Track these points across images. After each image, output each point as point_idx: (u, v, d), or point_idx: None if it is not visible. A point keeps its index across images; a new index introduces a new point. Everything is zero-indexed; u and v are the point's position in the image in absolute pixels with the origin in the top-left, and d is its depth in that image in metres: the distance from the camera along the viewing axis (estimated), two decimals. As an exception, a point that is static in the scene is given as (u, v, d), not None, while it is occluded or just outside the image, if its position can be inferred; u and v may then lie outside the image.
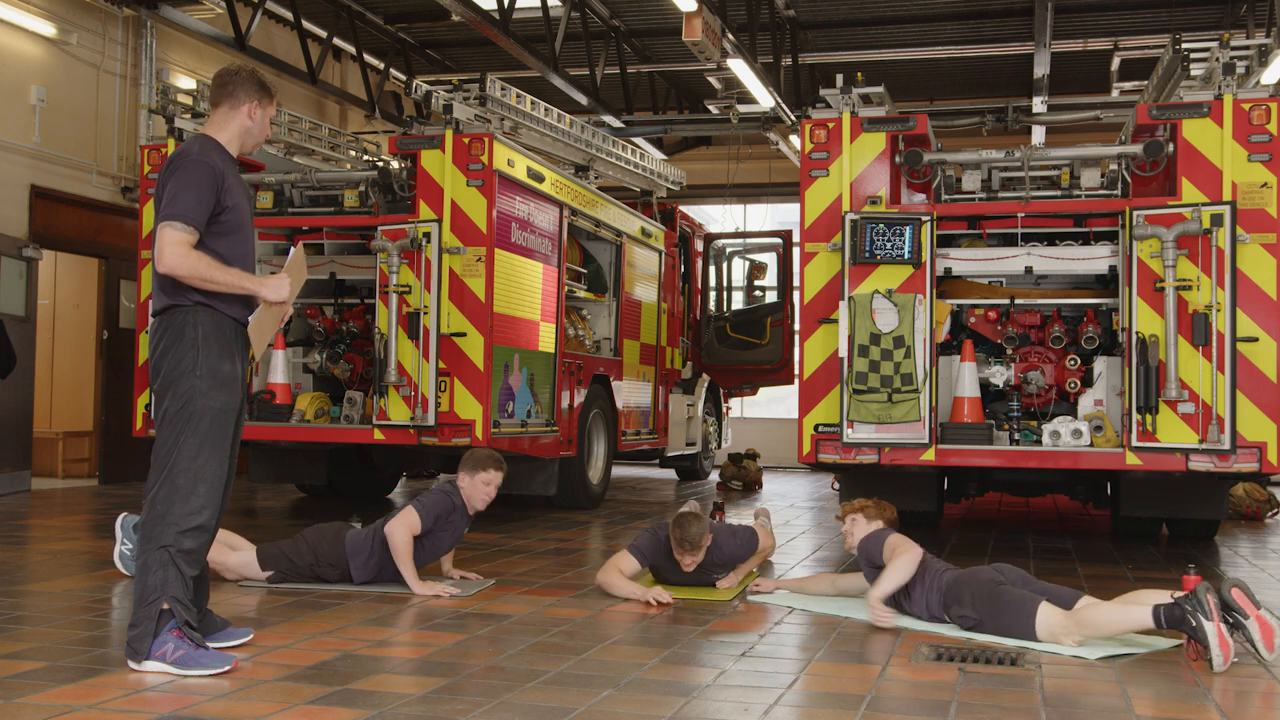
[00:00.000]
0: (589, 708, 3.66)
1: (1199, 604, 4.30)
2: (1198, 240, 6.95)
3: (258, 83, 4.39)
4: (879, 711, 3.70)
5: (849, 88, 7.66)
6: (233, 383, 4.25)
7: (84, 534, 8.10)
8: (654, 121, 15.68)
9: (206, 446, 4.16)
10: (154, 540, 4.09)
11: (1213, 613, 4.27)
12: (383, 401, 8.04)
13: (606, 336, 10.78)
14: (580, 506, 9.96)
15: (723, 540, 5.96)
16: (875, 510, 5.60)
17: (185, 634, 4.05)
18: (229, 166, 4.31)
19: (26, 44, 11.26)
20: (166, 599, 4.04)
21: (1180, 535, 8.52)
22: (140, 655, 4.03)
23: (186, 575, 4.11)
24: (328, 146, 10.33)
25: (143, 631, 4.04)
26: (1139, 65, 13.48)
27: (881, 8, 13.31)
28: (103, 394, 12.16)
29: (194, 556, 4.15)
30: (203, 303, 4.17)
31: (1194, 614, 4.30)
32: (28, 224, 11.21)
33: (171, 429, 4.16)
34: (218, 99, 4.39)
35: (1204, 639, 4.27)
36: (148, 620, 4.04)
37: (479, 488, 5.93)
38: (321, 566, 5.84)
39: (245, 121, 4.38)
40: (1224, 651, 4.24)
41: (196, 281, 4.11)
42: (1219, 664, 4.25)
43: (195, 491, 4.13)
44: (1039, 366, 7.87)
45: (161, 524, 4.10)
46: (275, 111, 4.58)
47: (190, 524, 4.11)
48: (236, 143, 4.41)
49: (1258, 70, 7.56)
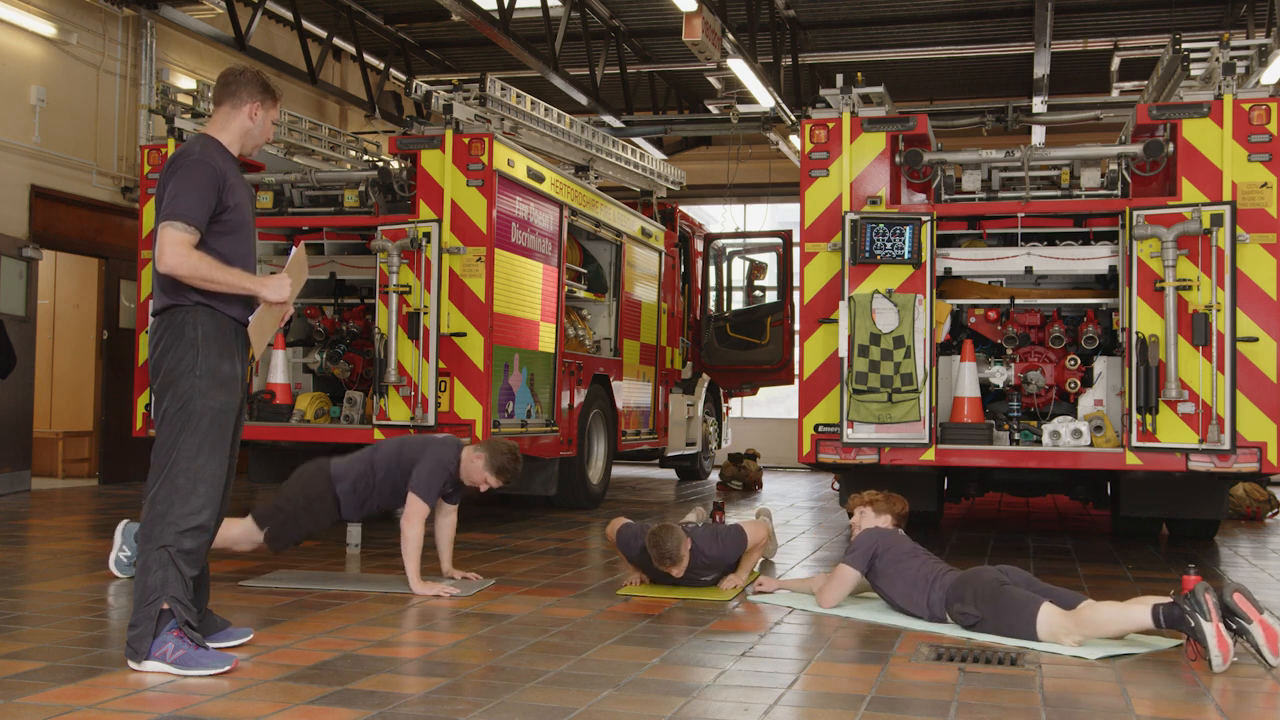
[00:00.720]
0: (589, 708, 3.66)
1: (1197, 604, 4.30)
2: (1198, 240, 6.95)
3: (261, 84, 4.40)
4: (879, 711, 3.70)
5: (849, 88, 7.66)
6: (232, 383, 4.25)
7: (84, 534, 8.10)
8: (654, 121, 15.67)
9: (206, 446, 4.16)
10: (154, 540, 4.09)
11: (1211, 612, 4.27)
12: (383, 401, 8.04)
13: (606, 336, 10.78)
14: (580, 506, 9.96)
15: (704, 544, 5.87)
16: (884, 504, 5.61)
17: (185, 634, 4.04)
18: (231, 166, 4.31)
19: (26, 44, 11.26)
20: (166, 599, 4.04)
21: (1180, 535, 8.52)
22: (140, 655, 4.03)
23: (186, 575, 4.11)
24: (328, 146, 10.33)
25: (143, 631, 4.04)
26: (1139, 65, 13.47)
27: (881, 8, 13.31)
28: (103, 394, 12.16)
29: (194, 556, 4.15)
30: (202, 303, 4.17)
31: (1192, 614, 4.30)
32: (28, 224, 11.21)
33: (171, 429, 4.17)
34: (220, 98, 4.40)
35: (1202, 639, 4.28)
36: (148, 620, 4.04)
37: (484, 476, 5.89)
38: (312, 503, 5.82)
39: (246, 122, 4.39)
40: (1223, 651, 4.24)
41: (197, 281, 4.11)
42: (1218, 664, 4.25)
43: (195, 491, 4.13)
44: (1039, 366, 7.87)
45: (161, 524, 4.09)
46: (278, 114, 4.58)
47: (190, 524, 4.11)
48: (238, 143, 4.41)
49: (1258, 70, 7.56)
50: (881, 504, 5.61)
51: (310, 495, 5.85)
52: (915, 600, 5.13)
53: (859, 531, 5.54)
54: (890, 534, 5.44)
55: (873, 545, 5.33)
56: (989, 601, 4.81)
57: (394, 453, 5.96)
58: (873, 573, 5.32)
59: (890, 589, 5.27)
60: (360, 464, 5.90)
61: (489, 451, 5.90)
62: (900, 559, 5.27)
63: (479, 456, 5.89)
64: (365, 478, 5.87)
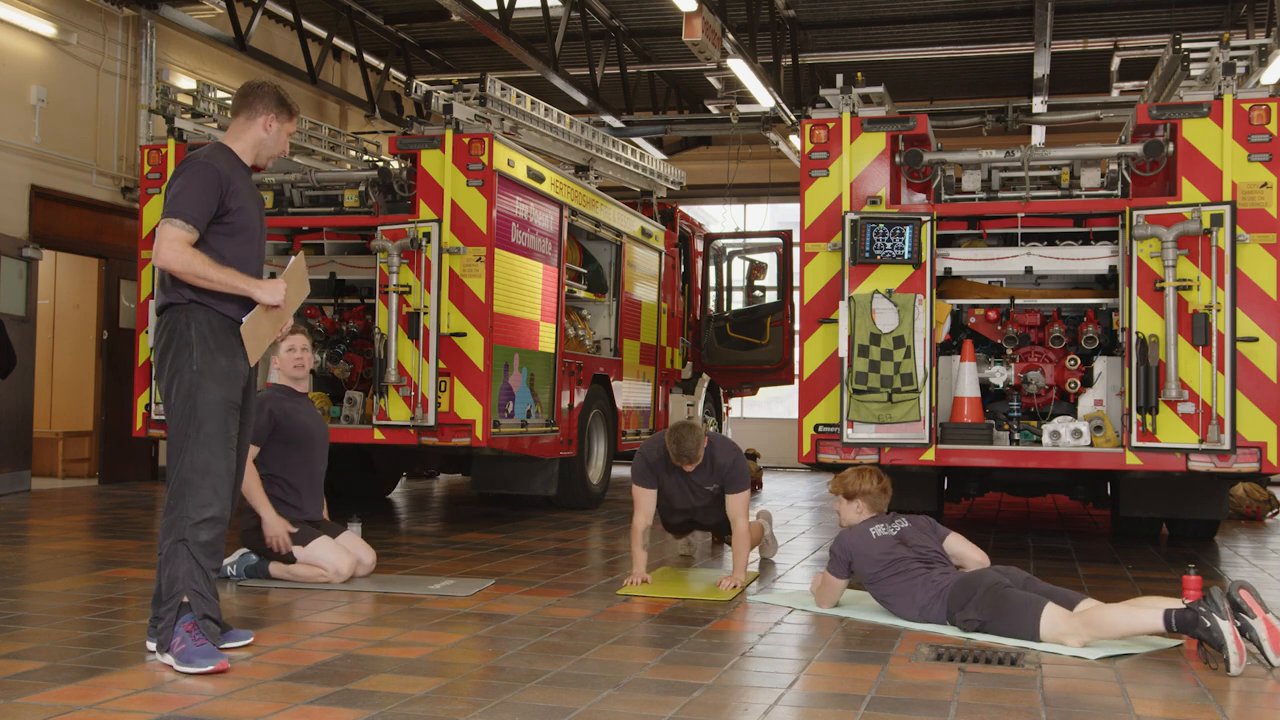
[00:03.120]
0: (589, 708, 3.66)
1: (1214, 604, 4.25)
2: (1198, 240, 6.95)
3: (277, 98, 4.53)
4: (879, 711, 3.70)
5: (849, 88, 7.66)
6: (232, 376, 4.34)
7: (84, 534, 8.10)
8: (654, 121, 15.67)
9: (210, 440, 4.26)
10: (172, 534, 4.22)
11: (1228, 613, 4.24)
12: (383, 401, 8.04)
13: (606, 336, 10.78)
14: (580, 506, 9.96)
15: (719, 450, 6.31)
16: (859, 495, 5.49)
17: (202, 626, 4.14)
18: (237, 171, 4.43)
19: (26, 44, 11.26)
20: (187, 592, 4.17)
21: (1180, 535, 8.52)
22: (163, 649, 4.17)
23: (206, 567, 4.24)
24: (328, 146, 10.33)
25: (166, 624, 4.17)
26: (1139, 65, 13.47)
27: (881, 8, 13.31)
28: (103, 394, 12.16)
29: (210, 548, 4.26)
30: (196, 300, 4.28)
31: (1209, 615, 4.24)
32: (28, 224, 11.21)
33: (178, 425, 4.29)
34: (238, 109, 4.55)
35: (1221, 640, 4.21)
36: (171, 613, 4.16)
37: (285, 362, 6.08)
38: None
39: (260, 133, 4.52)
40: (1239, 651, 4.20)
41: (190, 278, 4.23)
42: (1235, 666, 4.20)
43: (203, 485, 4.24)
44: (1039, 366, 7.87)
45: (178, 520, 4.22)
46: (295, 128, 4.67)
47: (202, 516, 4.22)
48: (251, 153, 4.54)
49: (1258, 70, 7.56)
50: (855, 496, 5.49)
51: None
52: (905, 610, 5.10)
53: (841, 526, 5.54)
54: (862, 539, 5.27)
55: (846, 554, 5.27)
56: (991, 605, 4.77)
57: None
58: (858, 577, 5.31)
59: (879, 596, 5.25)
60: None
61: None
62: (880, 571, 5.16)
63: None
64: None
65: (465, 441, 7.97)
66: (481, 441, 8.00)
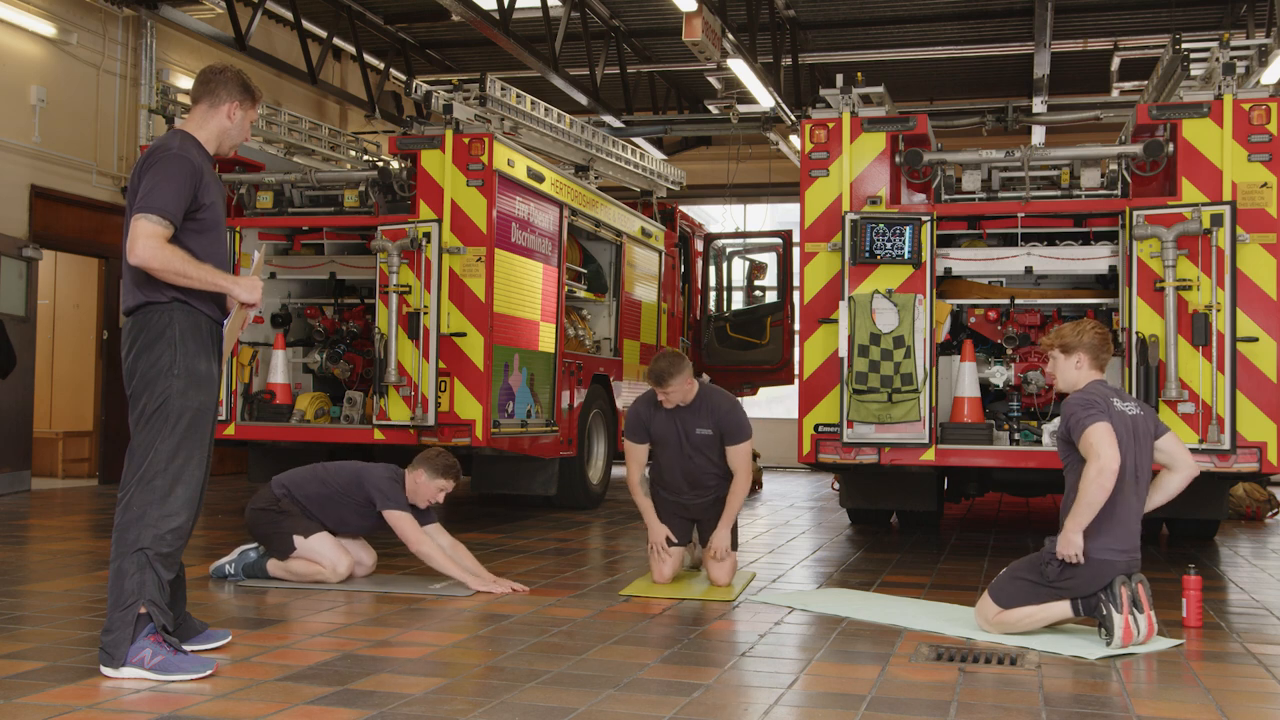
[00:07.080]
0: (589, 708, 3.66)
1: (1112, 596, 4.61)
2: (1198, 240, 6.96)
3: (241, 84, 4.29)
4: (879, 711, 3.70)
5: (849, 88, 7.66)
6: (209, 382, 4.16)
7: (84, 534, 8.10)
8: (654, 121, 15.66)
9: (184, 448, 4.07)
10: (130, 543, 3.99)
11: (1123, 604, 4.58)
12: (383, 401, 8.05)
13: (606, 336, 10.79)
14: (580, 506, 9.96)
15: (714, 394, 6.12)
16: (1073, 335, 4.80)
17: (164, 639, 3.97)
18: (207, 164, 4.22)
19: (26, 44, 11.26)
20: (144, 603, 3.95)
21: (1180, 535, 8.52)
22: (116, 661, 3.93)
23: (164, 578, 4.02)
24: (328, 146, 10.33)
25: (119, 637, 3.94)
26: (1139, 65, 13.47)
27: (881, 8, 13.30)
28: (103, 394, 12.16)
29: (171, 559, 4.06)
30: (179, 299, 4.07)
31: (1105, 604, 4.63)
32: (28, 224, 11.21)
33: (149, 430, 4.06)
34: (199, 95, 4.29)
35: (1111, 626, 4.59)
36: (124, 625, 3.94)
37: (435, 485, 5.89)
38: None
39: (224, 122, 4.28)
40: (1125, 638, 4.57)
41: (169, 276, 3.99)
42: (1117, 644, 4.55)
43: (173, 493, 4.03)
44: (1039, 366, 7.87)
45: (139, 526, 4.00)
46: (257, 115, 4.46)
47: (168, 526, 4.02)
48: (214, 142, 4.29)
49: (1258, 70, 7.57)
50: (1074, 349, 4.80)
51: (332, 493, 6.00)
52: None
53: (1069, 398, 4.79)
54: (1109, 403, 4.63)
55: (1103, 403, 4.60)
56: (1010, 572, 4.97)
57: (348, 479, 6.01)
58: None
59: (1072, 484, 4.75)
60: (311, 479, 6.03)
61: (424, 464, 5.89)
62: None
63: (418, 471, 5.88)
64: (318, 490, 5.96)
65: (465, 441, 7.97)
66: (481, 441, 8.00)
